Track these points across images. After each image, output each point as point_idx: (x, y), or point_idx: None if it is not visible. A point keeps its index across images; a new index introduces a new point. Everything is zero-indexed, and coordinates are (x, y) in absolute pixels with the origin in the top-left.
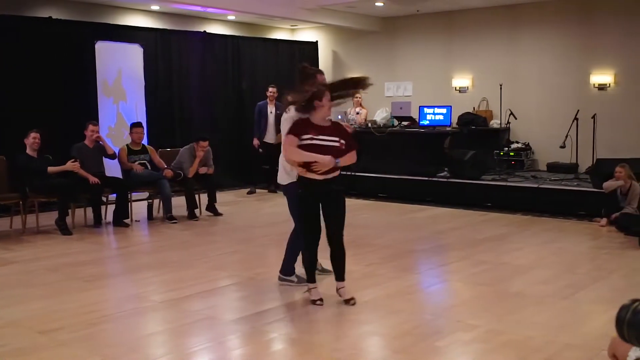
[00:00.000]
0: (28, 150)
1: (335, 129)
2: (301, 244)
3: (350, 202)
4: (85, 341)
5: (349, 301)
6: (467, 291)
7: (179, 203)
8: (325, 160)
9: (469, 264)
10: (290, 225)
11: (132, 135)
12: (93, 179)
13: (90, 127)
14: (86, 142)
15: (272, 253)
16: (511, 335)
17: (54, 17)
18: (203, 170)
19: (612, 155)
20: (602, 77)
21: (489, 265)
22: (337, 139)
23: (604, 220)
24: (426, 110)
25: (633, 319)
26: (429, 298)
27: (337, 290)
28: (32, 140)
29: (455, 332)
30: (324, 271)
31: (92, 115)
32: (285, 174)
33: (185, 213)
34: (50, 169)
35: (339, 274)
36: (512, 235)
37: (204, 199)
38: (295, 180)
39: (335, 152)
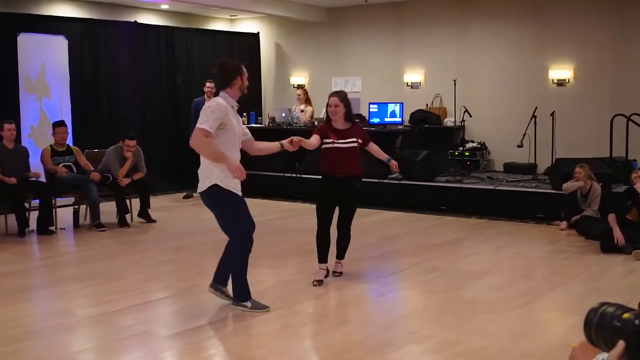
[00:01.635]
0: None
1: (351, 131)
2: (242, 258)
3: (296, 206)
4: (8, 359)
5: (334, 273)
6: (419, 300)
7: (107, 209)
8: (233, 165)
9: (420, 270)
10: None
11: (55, 136)
12: (10, 179)
13: (6, 126)
14: (4, 142)
15: (209, 262)
16: (465, 345)
17: None
18: (137, 176)
19: (572, 155)
20: (561, 72)
21: (442, 272)
22: (354, 139)
23: (563, 224)
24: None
25: (600, 322)
26: (379, 308)
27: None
28: None
29: (407, 343)
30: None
31: (14, 114)
32: (205, 177)
33: (115, 220)
34: None
35: (339, 253)
36: (467, 239)
37: (135, 204)
38: (216, 182)
39: (350, 153)
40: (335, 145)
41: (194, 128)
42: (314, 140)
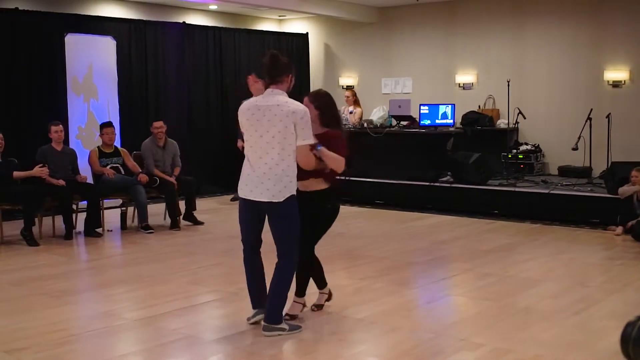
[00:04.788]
0: None
1: (323, 137)
2: (292, 277)
3: (344, 210)
4: None
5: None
6: (470, 307)
7: (155, 211)
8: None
9: (472, 277)
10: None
11: (103, 137)
12: (58, 181)
13: (53, 127)
14: (53, 144)
15: None
16: (518, 354)
17: (20, 8)
18: (176, 171)
19: (628, 158)
20: (616, 73)
21: (495, 279)
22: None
23: (619, 229)
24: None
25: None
26: (430, 314)
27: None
28: None
29: (458, 351)
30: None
31: (61, 115)
32: (282, 186)
33: (162, 222)
34: (16, 174)
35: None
36: (520, 245)
37: (181, 206)
38: (294, 193)
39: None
40: None
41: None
42: None
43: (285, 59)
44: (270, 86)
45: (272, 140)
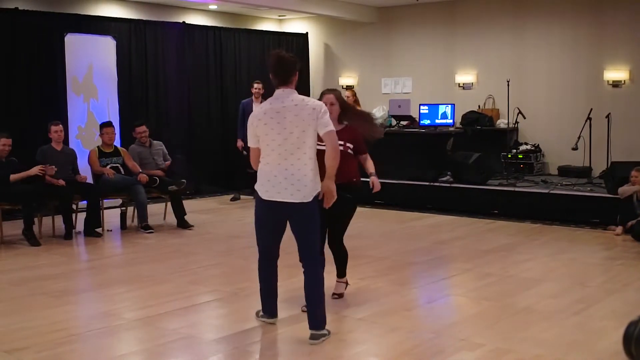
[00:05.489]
0: None
1: (344, 131)
2: (323, 278)
3: None
4: None
5: (333, 295)
6: (471, 306)
7: (155, 211)
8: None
9: (473, 277)
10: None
11: (103, 137)
12: (58, 181)
13: (53, 127)
14: (53, 144)
15: (256, 266)
16: (518, 354)
17: (20, 7)
18: (166, 165)
19: (628, 158)
20: (616, 73)
21: (495, 278)
22: (341, 142)
23: (619, 229)
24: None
25: None
26: (430, 314)
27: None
28: (1, 147)
29: (458, 351)
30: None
31: (61, 115)
32: (312, 186)
33: (162, 222)
34: (13, 177)
35: (338, 271)
36: (520, 245)
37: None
38: (320, 189)
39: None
40: (320, 147)
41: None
42: None
43: (290, 57)
44: (279, 87)
45: (297, 140)
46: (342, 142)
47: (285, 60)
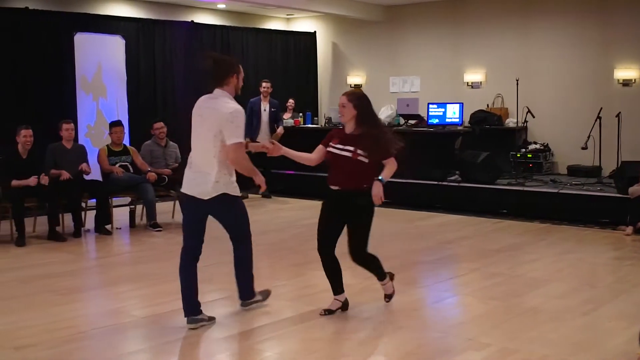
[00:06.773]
0: (19, 148)
1: (356, 138)
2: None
3: None
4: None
5: (386, 297)
6: (477, 306)
7: (163, 209)
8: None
9: (480, 276)
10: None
11: (112, 136)
12: (64, 175)
13: (64, 125)
14: (63, 142)
15: (263, 264)
16: (525, 354)
17: (30, 7)
18: (174, 166)
19: (638, 158)
20: (626, 72)
21: (502, 278)
22: (351, 148)
23: (629, 229)
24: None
25: None
26: (436, 314)
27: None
28: (22, 138)
29: (465, 351)
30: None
31: (71, 114)
32: (215, 182)
33: (170, 220)
34: (14, 183)
35: (377, 276)
36: (528, 245)
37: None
38: (227, 190)
39: (344, 162)
40: (331, 150)
41: (233, 138)
42: (314, 152)
43: (227, 59)
44: (217, 88)
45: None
46: (351, 149)
47: (220, 63)
